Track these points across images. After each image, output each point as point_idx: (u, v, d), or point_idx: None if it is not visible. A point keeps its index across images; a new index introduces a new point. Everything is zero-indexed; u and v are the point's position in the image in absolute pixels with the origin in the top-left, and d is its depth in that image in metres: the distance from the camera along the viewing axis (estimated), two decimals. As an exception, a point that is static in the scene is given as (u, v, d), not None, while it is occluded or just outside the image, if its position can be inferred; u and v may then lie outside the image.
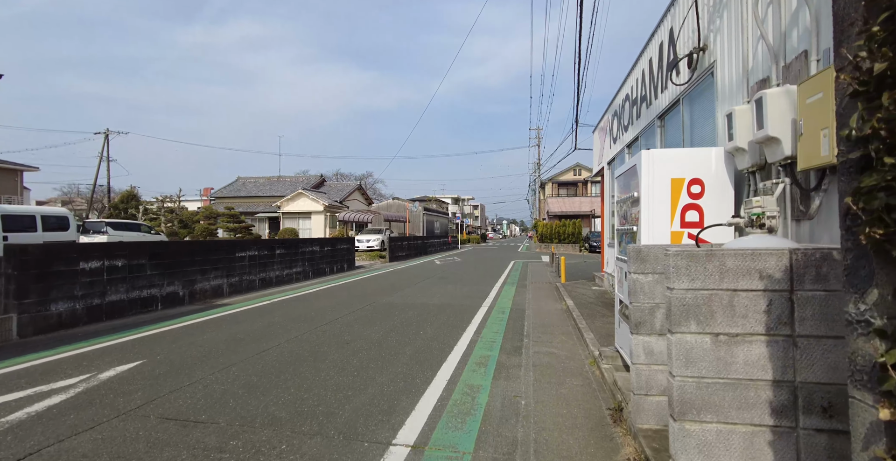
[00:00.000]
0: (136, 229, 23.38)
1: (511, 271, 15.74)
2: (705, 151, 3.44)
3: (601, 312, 7.32)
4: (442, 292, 10.20)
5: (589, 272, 14.55)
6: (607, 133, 9.44)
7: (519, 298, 9.38)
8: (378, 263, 19.78)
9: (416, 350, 5.23)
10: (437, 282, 12.36)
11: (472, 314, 7.53)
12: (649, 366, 2.96)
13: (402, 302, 8.77)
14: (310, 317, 7.20)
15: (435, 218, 36.40)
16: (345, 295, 9.83)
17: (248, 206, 38.36)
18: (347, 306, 8.29)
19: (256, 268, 11.13)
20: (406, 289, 10.81)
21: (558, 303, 8.79)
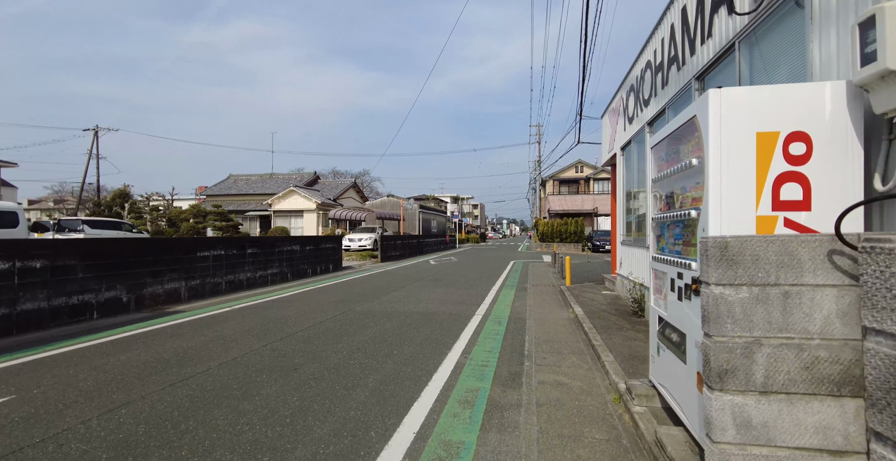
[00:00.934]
0: (116, 227, 22.19)
1: (510, 272, 14.48)
2: (813, 89, 2.18)
3: (617, 324, 6.05)
4: (431, 297, 8.94)
5: (596, 273, 13.29)
6: (620, 114, 8.18)
7: (519, 304, 8.12)
8: (368, 263, 18.52)
9: (382, 380, 3.97)
10: (427, 284, 11.10)
11: (463, 325, 6.27)
12: (744, 448, 1.70)
13: (382, 309, 7.52)
14: (265, 330, 5.95)
15: (432, 216, 35.14)
16: (319, 300, 8.58)
17: (239, 204, 37.12)
18: (317, 315, 7.03)
19: (223, 269, 9.88)
20: (391, 293, 9.55)
21: (564, 310, 7.54)
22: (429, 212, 34.15)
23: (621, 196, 8.30)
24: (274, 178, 39.79)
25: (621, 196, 8.30)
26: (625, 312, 6.88)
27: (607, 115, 9.68)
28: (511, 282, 11.55)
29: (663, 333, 3.01)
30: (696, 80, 4.46)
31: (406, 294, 9.36)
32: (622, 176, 8.21)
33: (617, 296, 8.24)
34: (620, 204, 8.34)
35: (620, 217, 8.37)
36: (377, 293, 9.48)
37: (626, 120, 7.67)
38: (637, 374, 3.91)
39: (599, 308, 7.29)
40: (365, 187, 55.33)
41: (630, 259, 7.43)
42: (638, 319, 6.38)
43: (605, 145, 10.10)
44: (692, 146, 2.50)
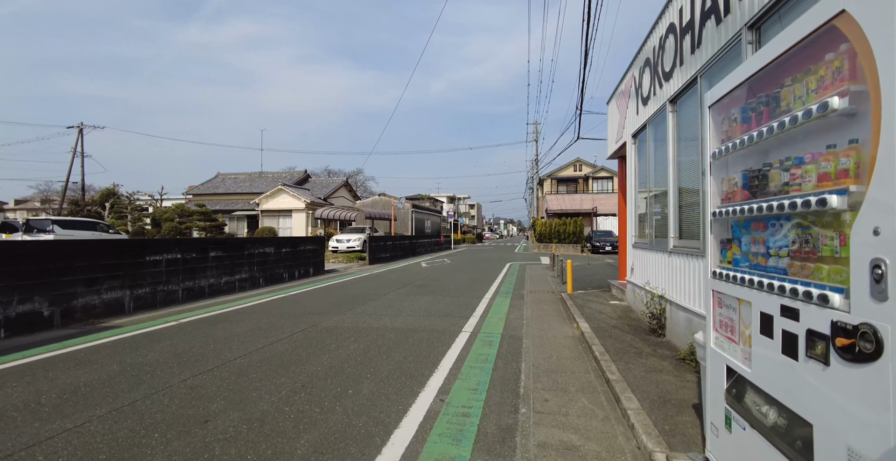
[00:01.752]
0: (90, 228, 20.97)
1: (506, 276, 13.35)
2: None
3: (634, 346, 4.92)
4: (414, 307, 7.80)
5: (600, 278, 12.16)
6: (631, 97, 7.06)
7: (514, 317, 6.99)
8: (355, 266, 17.35)
9: (318, 442, 2.83)
10: (413, 291, 9.95)
11: (446, 347, 5.13)
12: None
13: (352, 324, 6.36)
14: (199, 355, 4.79)
15: (426, 216, 33.95)
16: (283, 312, 7.42)
17: (226, 203, 35.87)
18: (272, 332, 5.87)
19: (179, 275, 8.70)
20: (369, 302, 8.40)
21: (567, 325, 6.40)
22: (422, 211, 32.96)
23: (632, 191, 7.18)
24: (263, 177, 38.55)
25: (632, 191, 7.18)
26: (640, 329, 5.75)
27: (614, 100, 8.55)
28: (506, 289, 10.41)
29: (740, 399, 1.87)
30: (750, 30, 3.33)
31: (386, 304, 8.21)
32: (633, 167, 7.08)
33: (628, 308, 7.11)
34: (631, 200, 7.21)
35: (631, 215, 7.25)
36: (353, 303, 8.33)
37: (640, 101, 6.54)
38: (676, 435, 2.78)
39: (608, 323, 6.15)
40: (359, 187, 54.11)
41: (645, 265, 6.30)
42: (658, 339, 5.25)
43: (611, 135, 8.97)
44: (825, 76, 1.36)
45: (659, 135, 5.85)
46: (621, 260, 8.90)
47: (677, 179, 5.14)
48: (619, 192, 8.93)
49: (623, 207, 8.74)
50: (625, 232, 8.67)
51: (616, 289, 8.55)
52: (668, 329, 5.26)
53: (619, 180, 8.91)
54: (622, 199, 8.81)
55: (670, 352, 4.67)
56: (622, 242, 8.79)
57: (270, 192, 32.13)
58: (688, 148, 4.86)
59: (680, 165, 5.10)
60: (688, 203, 4.87)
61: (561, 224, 29.44)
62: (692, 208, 4.73)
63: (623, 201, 8.74)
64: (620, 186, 8.90)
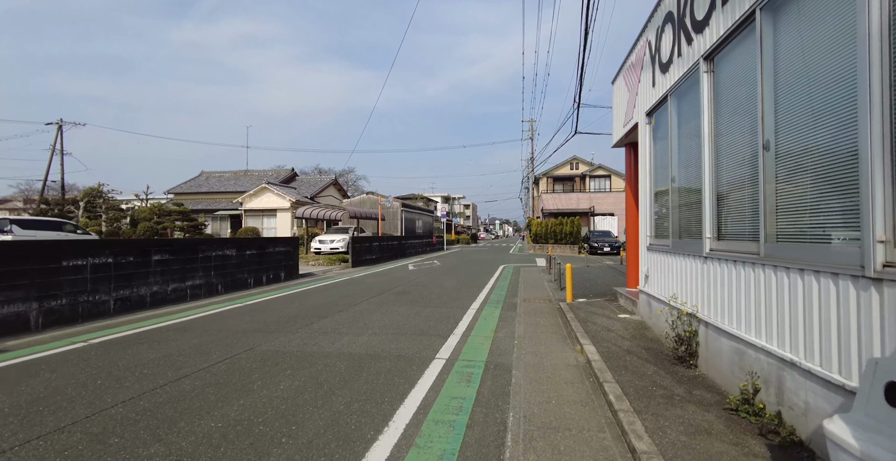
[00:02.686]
0: (55, 228, 19.51)
1: (498, 280, 12.08)
2: None
3: (661, 384, 3.66)
4: (385, 322, 6.51)
5: (602, 284, 10.91)
6: (645, 67, 5.81)
7: (504, 335, 5.72)
8: (336, 269, 16.04)
9: None
10: (390, 300, 8.66)
11: (409, 385, 3.86)
12: None
13: (298, 348, 5.07)
14: (70, 398, 3.48)
15: (416, 216, 32.58)
16: (225, 327, 6.11)
17: (209, 202, 34.44)
18: (190, 360, 4.57)
19: (111, 282, 7.37)
20: (334, 315, 7.11)
21: (569, 347, 5.14)
22: (413, 210, 31.60)
23: (646, 182, 5.92)
24: (248, 175, 37.14)
25: (646, 182, 5.92)
26: (662, 356, 4.49)
27: (621, 77, 7.30)
28: (497, 296, 9.14)
29: None
30: None
31: (353, 317, 6.92)
32: (648, 153, 5.83)
33: (641, 325, 5.85)
34: (645, 193, 5.96)
35: (645, 211, 5.99)
36: (314, 315, 7.03)
37: (657, 69, 5.29)
38: None
39: (620, 345, 4.89)
40: (350, 186, 52.73)
41: (666, 272, 5.04)
42: (688, 371, 4.00)
43: (617, 119, 7.73)
44: None
45: (685, 107, 4.60)
46: (630, 264, 7.65)
47: (714, 161, 3.89)
48: (627, 186, 7.68)
49: (632, 203, 7.50)
50: (635, 231, 7.42)
51: (624, 298, 7.29)
52: (701, 358, 4.00)
53: (628, 172, 7.66)
54: (630, 193, 7.56)
55: (712, 396, 3.41)
56: (631, 244, 7.54)
57: (254, 191, 30.73)
58: (731, 118, 3.60)
59: (718, 142, 3.84)
60: (730, 190, 3.62)
61: (557, 224, 28.23)
62: (737, 198, 3.48)
63: (632, 196, 7.50)
64: (628, 179, 7.65)
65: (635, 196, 7.43)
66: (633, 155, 7.57)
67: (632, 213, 7.53)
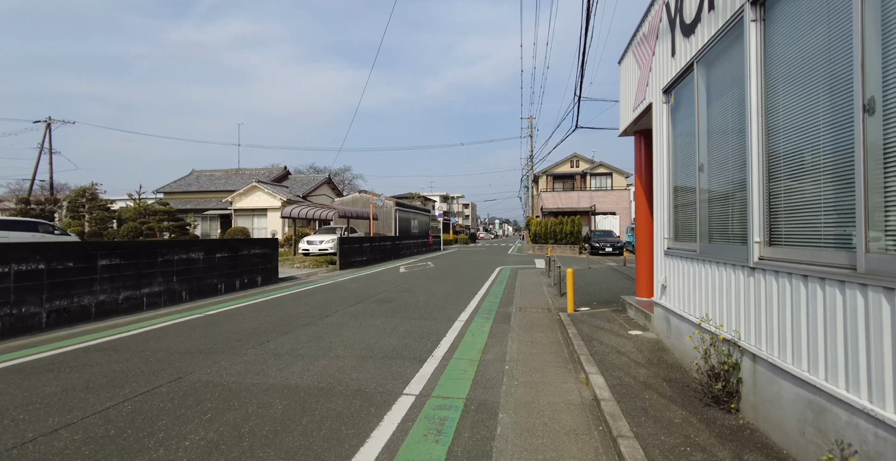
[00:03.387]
0: (30, 228, 18.52)
1: (493, 284, 11.11)
2: None
3: (696, 441, 2.68)
4: (354, 339, 5.55)
5: (608, 290, 9.92)
6: (663, 34, 4.84)
7: (493, 358, 4.75)
8: (322, 272, 15.07)
9: None
10: (368, 310, 7.70)
11: (358, 441, 2.89)
12: None
13: (235, 378, 4.10)
14: None
15: (412, 215, 31.57)
16: (164, 347, 5.14)
17: (199, 201, 33.47)
18: (92, 397, 3.60)
19: (43, 291, 6.40)
20: (298, 330, 6.14)
21: (571, 375, 4.17)
22: (408, 210, 30.58)
23: (663, 172, 4.94)
24: (240, 174, 36.17)
25: (663, 172, 4.94)
26: (690, 390, 3.52)
27: (630, 53, 6.33)
28: (490, 304, 8.17)
29: None
30: None
31: (317, 332, 5.95)
32: (665, 137, 4.85)
33: (658, 345, 4.86)
34: (663, 186, 4.98)
35: (662, 208, 5.01)
36: (273, 331, 6.06)
37: (679, 33, 4.31)
38: None
39: (635, 375, 3.92)
40: (346, 185, 51.75)
41: (693, 284, 4.07)
42: (729, 418, 3.03)
43: (625, 103, 6.75)
44: None
45: (719, 75, 3.63)
46: (640, 269, 6.68)
47: (764, 138, 2.92)
48: (637, 180, 6.71)
49: (643, 198, 6.52)
50: (647, 232, 6.45)
51: (634, 310, 6.31)
52: (747, 401, 3.03)
53: (637, 164, 6.69)
54: (641, 187, 6.59)
55: (773, 464, 2.44)
56: (642, 246, 6.56)
57: (244, 190, 29.75)
58: (798, 77, 2.63)
59: (772, 113, 2.88)
60: (793, 176, 2.66)
61: (557, 223, 27.24)
62: (808, 186, 2.51)
63: (643, 190, 6.52)
64: (638, 172, 6.68)
65: (647, 191, 6.46)
66: (643, 144, 6.60)
67: (643, 210, 6.56)
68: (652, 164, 6.51)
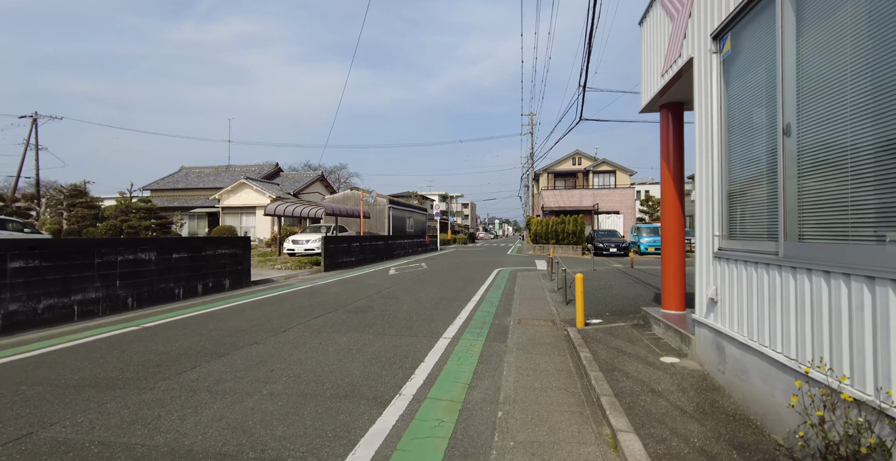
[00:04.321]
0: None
1: (489, 289, 9.87)
2: None
3: None
4: (302, 367, 4.32)
5: (620, 296, 8.63)
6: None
7: (481, 400, 3.51)
8: (303, 274, 13.82)
9: None
10: (337, 322, 6.45)
11: None
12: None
13: (106, 437, 2.85)
14: None
15: (407, 214, 30.28)
16: (47, 378, 3.91)
17: (186, 199, 32.23)
18: None
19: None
20: (239, 351, 4.90)
21: (591, 433, 2.92)
22: (403, 208, 29.29)
23: (713, 149, 3.67)
24: (230, 171, 34.93)
25: (713, 149, 3.67)
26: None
27: (657, 5, 5.07)
28: (484, 315, 6.92)
29: None
30: None
31: (262, 354, 4.70)
32: (717, 102, 3.59)
33: (707, 382, 3.59)
34: (711, 166, 3.71)
35: (710, 195, 3.73)
36: (208, 352, 4.82)
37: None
38: None
39: (686, 435, 2.67)
40: (342, 183, 50.49)
41: (773, 304, 2.78)
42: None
43: (648, 71, 5.50)
44: None
45: None
46: (668, 274, 5.42)
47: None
48: (663, 164, 5.45)
49: (671, 186, 5.28)
50: (676, 227, 5.21)
51: (662, 327, 5.05)
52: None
53: (664, 143, 5.44)
54: (668, 173, 5.34)
55: None
56: (670, 244, 5.32)
57: (232, 187, 28.53)
58: None
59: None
60: None
61: (559, 222, 25.99)
62: None
63: (671, 176, 5.28)
64: (665, 153, 5.42)
65: (676, 176, 5.22)
66: (671, 120, 5.36)
67: (670, 199, 5.32)
68: (681, 144, 5.26)
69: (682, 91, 4.93)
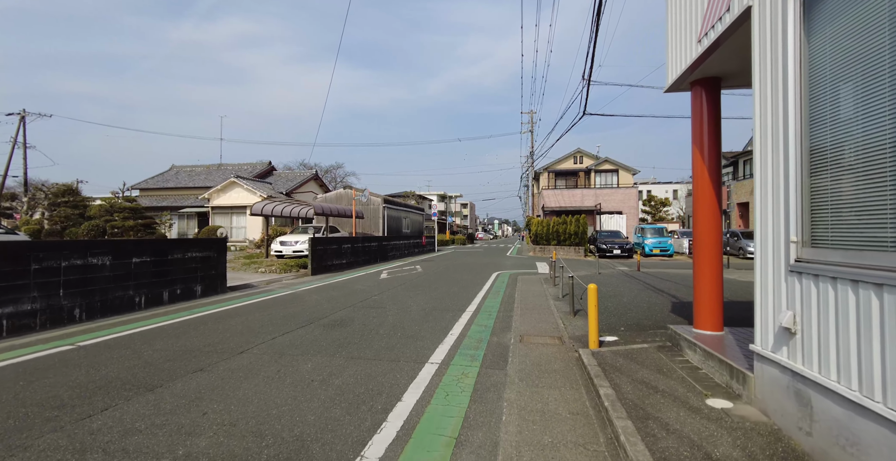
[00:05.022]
0: (-29, 226, 16.48)
1: (487, 297, 8.93)
2: None
3: None
4: (243, 410, 3.38)
5: (635, 307, 7.64)
6: None
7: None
8: (288, 278, 12.88)
9: None
10: (307, 340, 5.51)
11: None
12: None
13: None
14: None
15: (403, 214, 29.31)
16: None
17: (176, 198, 31.28)
18: None
19: None
20: (176, 382, 3.96)
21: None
22: (398, 208, 28.32)
23: (788, 117, 2.73)
24: (222, 170, 33.97)
25: (788, 117, 2.73)
26: None
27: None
28: (480, 331, 5.98)
29: None
30: None
31: (200, 389, 3.76)
32: (794, 54, 2.65)
33: (780, 442, 2.64)
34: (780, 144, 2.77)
35: (779, 185, 2.79)
36: (136, 384, 3.87)
37: None
38: None
39: None
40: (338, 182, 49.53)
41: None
42: None
43: (679, 39, 4.56)
44: None
45: None
46: (701, 286, 4.47)
47: None
48: (695, 150, 4.51)
49: (703, 173, 4.35)
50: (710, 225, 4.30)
51: (699, 354, 4.10)
52: None
53: (697, 125, 4.51)
54: (700, 160, 4.41)
55: None
56: (703, 247, 4.39)
57: (222, 186, 27.56)
58: None
59: None
60: None
61: (560, 223, 25.05)
62: None
63: (703, 162, 4.36)
64: (698, 136, 4.49)
65: (713, 164, 4.30)
66: (706, 97, 4.42)
67: (704, 193, 4.39)
68: (718, 126, 4.33)
69: (721, 62, 4.01)
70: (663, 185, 54.24)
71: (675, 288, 10.12)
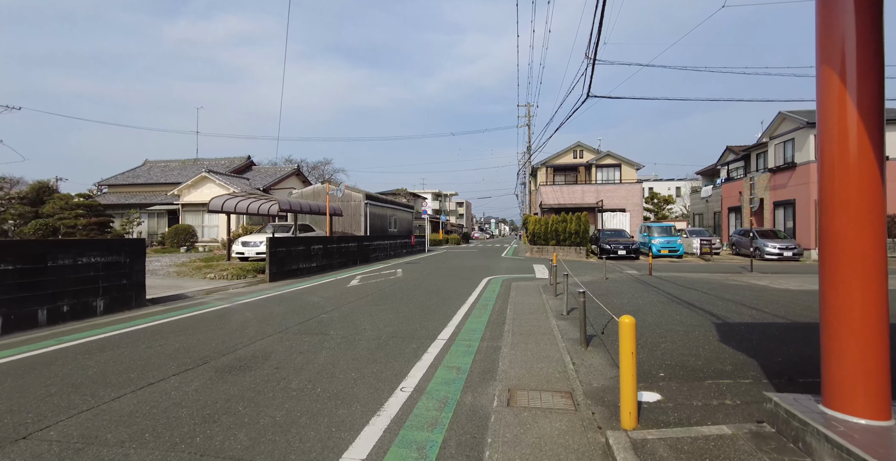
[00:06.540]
0: None
1: (471, 313, 6.89)
2: None
3: None
4: None
5: (674, 334, 5.52)
6: None
7: None
8: (240, 285, 10.79)
9: None
10: (177, 398, 3.46)
11: None
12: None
13: None
14: None
15: (389, 211, 27.18)
16: None
17: (147, 195, 29.08)
18: None
19: None
20: None
21: None
22: (383, 205, 26.20)
23: None
24: (198, 165, 31.76)
25: None
26: None
27: None
28: (449, 378, 3.94)
29: None
30: None
31: None
32: None
33: None
34: None
35: None
36: None
37: None
38: None
39: None
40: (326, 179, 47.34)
41: None
42: None
43: None
44: None
45: None
46: (849, 329, 2.42)
47: None
48: (826, 72, 2.45)
49: (860, 123, 2.28)
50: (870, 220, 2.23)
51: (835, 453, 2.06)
52: None
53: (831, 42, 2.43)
54: (843, 84, 2.35)
55: None
56: (860, 264, 2.35)
57: (192, 181, 25.40)
58: None
59: None
60: None
61: (560, 221, 23.04)
62: None
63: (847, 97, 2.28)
64: (839, 43, 2.43)
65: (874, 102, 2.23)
66: None
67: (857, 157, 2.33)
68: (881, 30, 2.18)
69: None
70: (665, 183, 52.37)
71: (707, 300, 8.12)
